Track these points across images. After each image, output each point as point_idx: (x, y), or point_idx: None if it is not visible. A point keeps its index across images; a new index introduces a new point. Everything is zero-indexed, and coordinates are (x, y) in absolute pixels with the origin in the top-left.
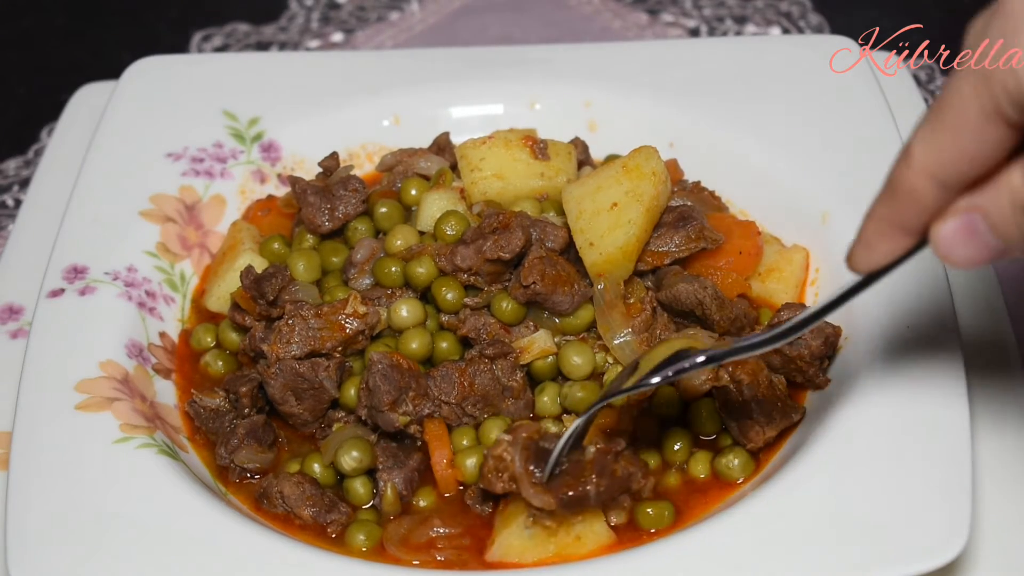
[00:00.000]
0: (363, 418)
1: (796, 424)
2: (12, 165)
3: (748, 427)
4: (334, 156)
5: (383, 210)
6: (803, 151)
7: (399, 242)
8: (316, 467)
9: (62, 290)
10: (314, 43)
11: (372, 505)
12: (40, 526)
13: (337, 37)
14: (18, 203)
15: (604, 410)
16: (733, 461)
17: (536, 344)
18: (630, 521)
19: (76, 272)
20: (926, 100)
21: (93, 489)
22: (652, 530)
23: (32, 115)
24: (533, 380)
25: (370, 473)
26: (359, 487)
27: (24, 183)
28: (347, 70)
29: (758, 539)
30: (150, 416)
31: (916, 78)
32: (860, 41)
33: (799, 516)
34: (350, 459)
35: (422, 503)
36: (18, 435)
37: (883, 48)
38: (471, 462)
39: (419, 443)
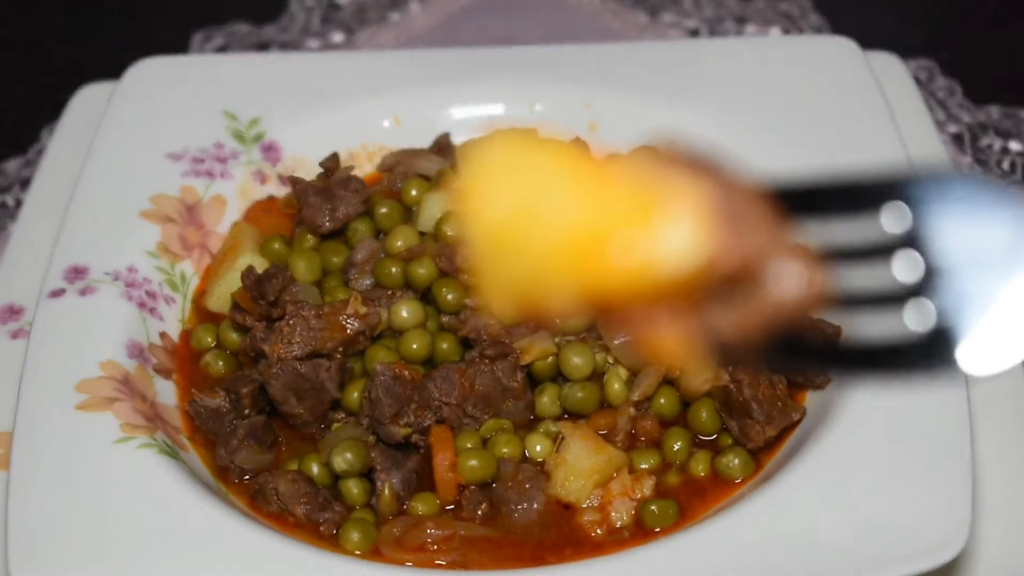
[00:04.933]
0: (365, 426)
1: (796, 424)
2: (12, 165)
3: (748, 427)
4: (334, 156)
5: (383, 210)
6: (803, 151)
7: (400, 243)
8: (313, 466)
9: (62, 290)
10: (314, 43)
11: (369, 505)
12: (40, 526)
13: (337, 37)
14: (18, 203)
15: (601, 411)
16: (733, 461)
17: (536, 345)
18: (635, 520)
19: (76, 272)
20: (926, 100)
21: (93, 489)
22: (656, 528)
23: (32, 115)
24: (533, 381)
25: (368, 473)
26: (353, 488)
27: (24, 183)
28: (347, 70)
29: (758, 539)
30: (150, 416)
31: (916, 78)
32: (860, 41)
33: (799, 516)
34: (342, 460)
35: (420, 509)
36: (18, 435)
37: (883, 48)
38: (473, 463)
39: (420, 449)
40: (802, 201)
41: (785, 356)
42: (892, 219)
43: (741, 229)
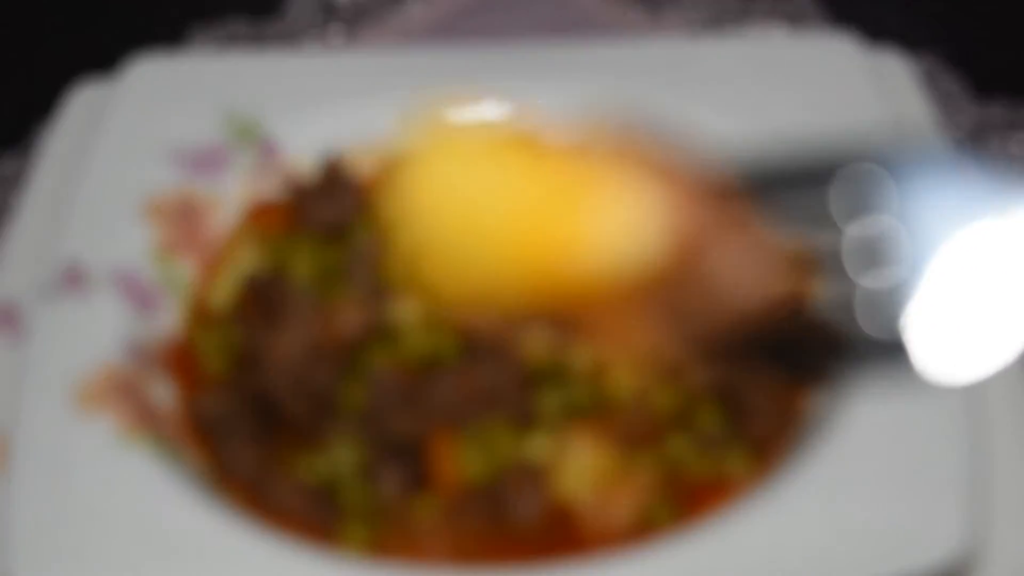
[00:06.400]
0: (365, 426)
1: (797, 424)
2: (8, 163)
3: (748, 425)
4: (334, 156)
5: (384, 210)
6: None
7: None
8: (314, 467)
9: (60, 290)
10: (314, 41)
11: (369, 505)
12: (40, 528)
13: (337, 36)
14: (17, 203)
15: (602, 410)
16: (733, 460)
17: (537, 344)
18: (636, 519)
19: (74, 272)
20: (930, 95)
21: (93, 490)
22: (656, 529)
23: (27, 112)
24: (534, 380)
25: (368, 473)
26: (353, 487)
27: (20, 182)
28: (348, 69)
29: (756, 540)
30: (150, 417)
31: (920, 73)
32: (863, 36)
33: (797, 519)
34: (342, 461)
35: (420, 509)
36: (18, 436)
37: (887, 42)
38: (473, 463)
39: (420, 449)
40: (771, 183)
41: (775, 356)
42: (870, 200)
43: (702, 216)
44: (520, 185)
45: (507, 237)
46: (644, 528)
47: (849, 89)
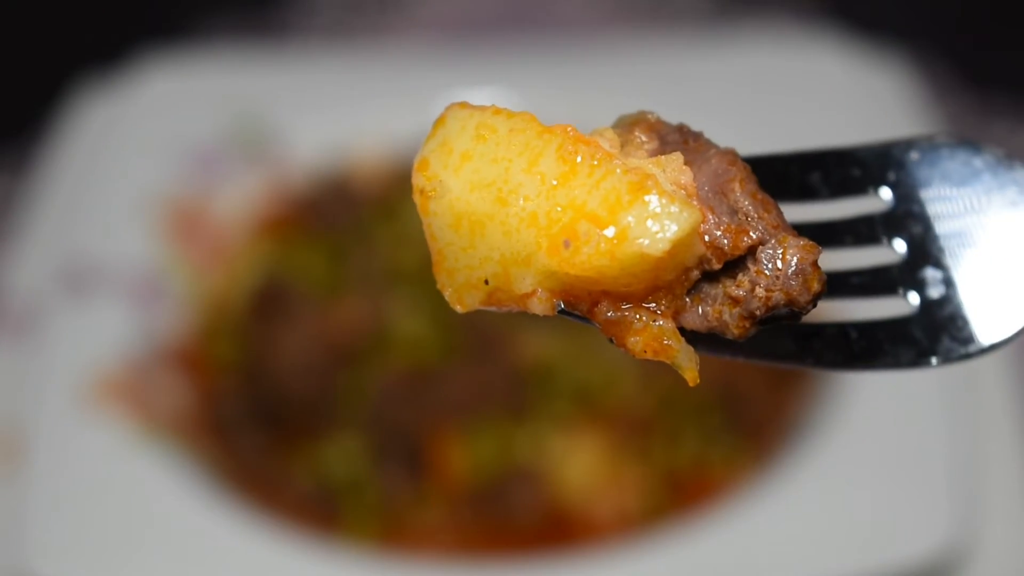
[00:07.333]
0: (366, 425)
1: (793, 413)
2: (9, 161)
3: (746, 414)
4: (338, 156)
5: (389, 211)
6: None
7: (404, 244)
8: (315, 464)
9: (63, 290)
10: (318, 42)
11: (371, 501)
12: (55, 523)
13: (341, 37)
14: (20, 197)
15: (604, 406)
16: (730, 451)
17: (538, 342)
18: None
19: (77, 272)
20: (927, 90)
21: (95, 489)
22: (655, 519)
23: (29, 115)
24: (535, 378)
25: (369, 471)
26: (354, 484)
27: (22, 183)
28: (351, 69)
29: (748, 532)
30: (153, 416)
31: (917, 69)
32: (860, 30)
33: (791, 508)
34: (343, 459)
35: (420, 505)
36: (18, 437)
37: (882, 47)
38: (474, 461)
39: (421, 448)
40: (787, 177)
41: (774, 346)
42: (878, 194)
43: (726, 207)
44: (541, 163)
45: (526, 213)
46: (641, 522)
47: (849, 89)
